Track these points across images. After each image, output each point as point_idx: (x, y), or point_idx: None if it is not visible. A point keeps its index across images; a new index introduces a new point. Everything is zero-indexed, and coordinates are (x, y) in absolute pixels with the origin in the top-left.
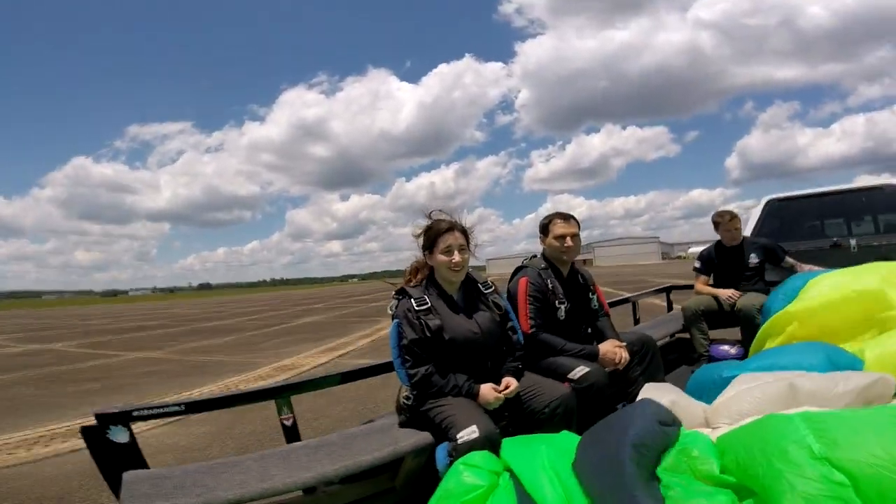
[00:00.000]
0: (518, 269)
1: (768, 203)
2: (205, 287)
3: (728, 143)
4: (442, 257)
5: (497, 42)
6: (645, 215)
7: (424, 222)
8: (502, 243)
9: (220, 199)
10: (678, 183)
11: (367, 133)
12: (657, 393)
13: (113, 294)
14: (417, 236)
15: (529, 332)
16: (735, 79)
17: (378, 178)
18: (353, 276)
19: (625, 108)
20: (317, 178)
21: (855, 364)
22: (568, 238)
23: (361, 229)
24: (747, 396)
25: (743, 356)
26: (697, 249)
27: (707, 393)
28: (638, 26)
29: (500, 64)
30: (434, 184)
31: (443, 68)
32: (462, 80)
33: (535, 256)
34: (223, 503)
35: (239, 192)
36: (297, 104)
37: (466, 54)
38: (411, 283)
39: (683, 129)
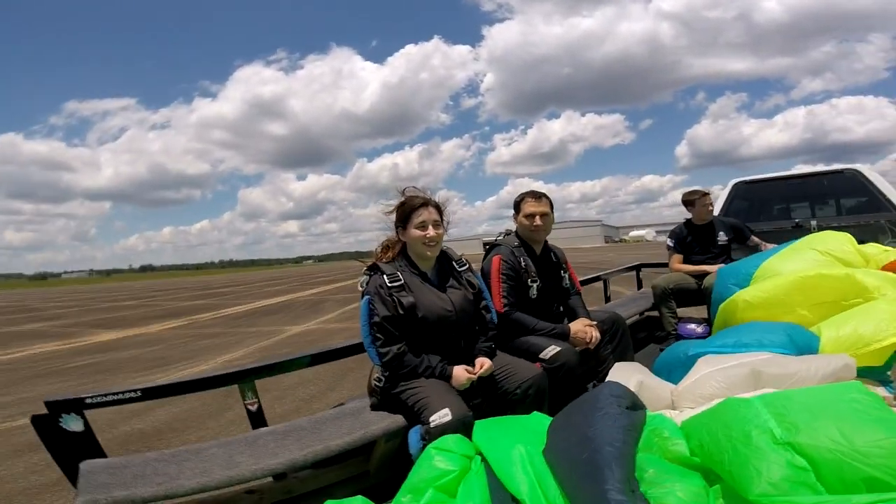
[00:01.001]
0: (491, 247)
1: (735, 185)
2: (147, 269)
3: (679, 132)
4: (416, 232)
5: (465, 25)
6: (600, 199)
7: (396, 200)
8: (465, 225)
9: (167, 178)
10: (631, 169)
11: (327, 112)
12: (625, 374)
13: (42, 277)
14: (390, 213)
15: (503, 310)
16: (690, 70)
17: (338, 158)
18: (308, 258)
19: (585, 95)
20: (272, 156)
21: (812, 342)
22: (537, 217)
23: (319, 210)
24: (711, 380)
25: (709, 334)
26: (637, 233)
27: (674, 372)
28: (603, 15)
29: (467, 47)
30: (398, 165)
31: (410, 49)
32: (430, 61)
33: (508, 234)
34: (187, 492)
35: (187, 171)
36: (254, 81)
37: (435, 36)
38: (383, 260)
39: (639, 117)
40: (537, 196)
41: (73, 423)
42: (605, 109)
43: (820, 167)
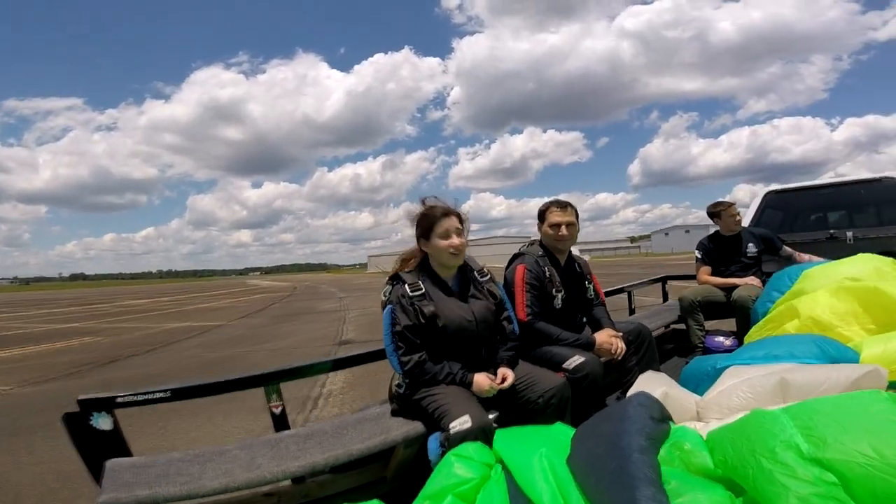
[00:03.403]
0: (515, 256)
1: (767, 195)
2: (77, 277)
3: (632, 151)
4: (441, 242)
5: (437, 36)
6: None
7: (417, 209)
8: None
9: (110, 182)
10: (587, 186)
11: (288, 118)
12: (650, 384)
13: None
14: (414, 222)
15: (526, 320)
16: (647, 88)
17: (297, 166)
18: (256, 269)
19: (547, 112)
20: (227, 162)
21: (848, 355)
22: (563, 227)
23: (275, 219)
24: (738, 391)
25: (737, 347)
26: None
27: (701, 384)
28: (569, 31)
29: (437, 59)
30: (360, 175)
31: (379, 58)
32: (399, 72)
33: (532, 243)
34: (208, 492)
35: (133, 175)
36: (211, 84)
37: (406, 46)
38: (406, 270)
39: (596, 134)
40: (562, 205)
41: (102, 422)
42: (565, 126)
43: (759, 187)
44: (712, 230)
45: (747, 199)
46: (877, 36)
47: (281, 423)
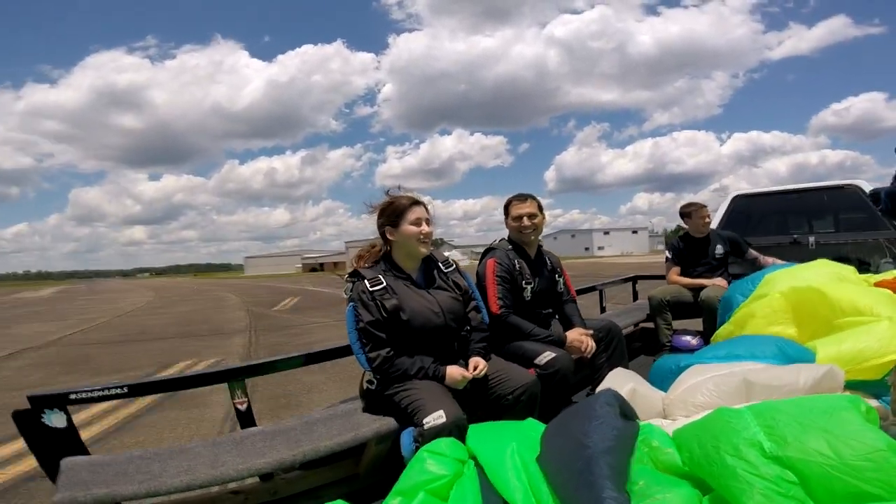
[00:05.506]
0: (487, 251)
1: (734, 198)
2: None
3: (549, 157)
4: (412, 228)
5: (373, 31)
6: (478, 218)
7: (379, 201)
8: (349, 238)
9: None
10: (507, 190)
11: (196, 107)
12: (619, 381)
13: None
14: (377, 212)
15: (499, 312)
16: (567, 97)
17: (204, 158)
18: (147, 270)
19: (475, 115)
20: (119, 152)
21: (806, 356)
22: (524, 218)
23: (174, 214)
24: (703, 388)
25: (703, 347)
26: (446, 255)
27: (666, 382)
28: (503, 36)
29: (371, 55)
30: (275, 169)
31: (307, 49)
32: (328, 64)
33: (502, 239)
34: (169, 490)
35: (2, 165)
36: (108, 68)
37: (339, 39)
38: (365, 266)
39: (519, 140)
40: (523, 198)
41: (55, 419)
42: (491, 130)
43: (657, 195)
44: (595, 235)
45: (645, 206)
46: (771, 55)
47: (247, 419)
